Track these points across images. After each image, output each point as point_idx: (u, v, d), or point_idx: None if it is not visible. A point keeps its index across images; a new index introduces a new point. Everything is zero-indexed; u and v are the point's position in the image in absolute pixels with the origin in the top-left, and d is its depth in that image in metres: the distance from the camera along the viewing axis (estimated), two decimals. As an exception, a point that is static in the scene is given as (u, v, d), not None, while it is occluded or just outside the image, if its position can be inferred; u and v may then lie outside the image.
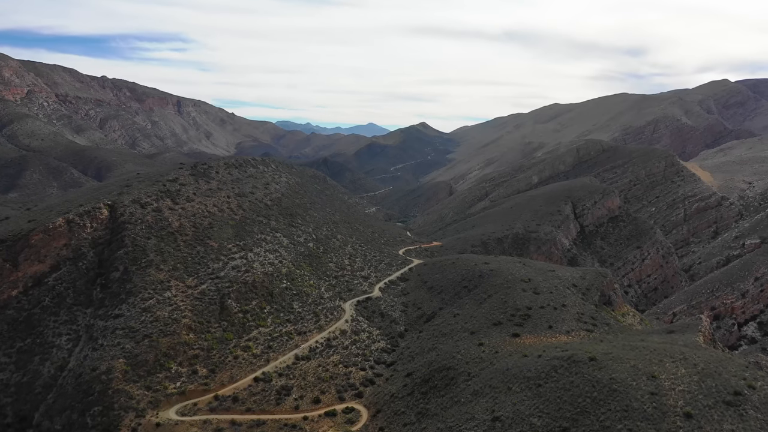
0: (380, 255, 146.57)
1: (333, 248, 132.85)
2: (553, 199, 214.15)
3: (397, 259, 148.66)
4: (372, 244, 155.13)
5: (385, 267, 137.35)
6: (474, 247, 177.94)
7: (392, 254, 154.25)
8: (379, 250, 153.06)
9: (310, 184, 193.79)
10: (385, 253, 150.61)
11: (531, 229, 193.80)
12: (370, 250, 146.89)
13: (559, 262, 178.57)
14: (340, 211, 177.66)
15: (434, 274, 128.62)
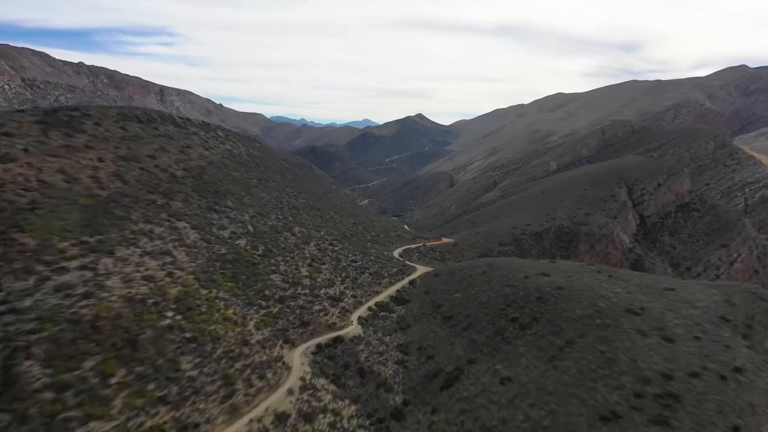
0: (363, 258, 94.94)
1: (282, 248, 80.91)
2: (600, 180, 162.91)
3: (391, 265, 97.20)
4: (352, 241, 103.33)
5: (370, 279, 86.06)
6: (504, 246, 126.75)
7: (383, 257, 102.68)
8: (363, 250, 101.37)
9: (272, 161, 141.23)
10: (372, 256, 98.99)
11: (579, 220, 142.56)
12: (347, 250, 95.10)
13: (620, 265, 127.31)
14: (309, 193, 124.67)
15: (452, 292, 77.68)
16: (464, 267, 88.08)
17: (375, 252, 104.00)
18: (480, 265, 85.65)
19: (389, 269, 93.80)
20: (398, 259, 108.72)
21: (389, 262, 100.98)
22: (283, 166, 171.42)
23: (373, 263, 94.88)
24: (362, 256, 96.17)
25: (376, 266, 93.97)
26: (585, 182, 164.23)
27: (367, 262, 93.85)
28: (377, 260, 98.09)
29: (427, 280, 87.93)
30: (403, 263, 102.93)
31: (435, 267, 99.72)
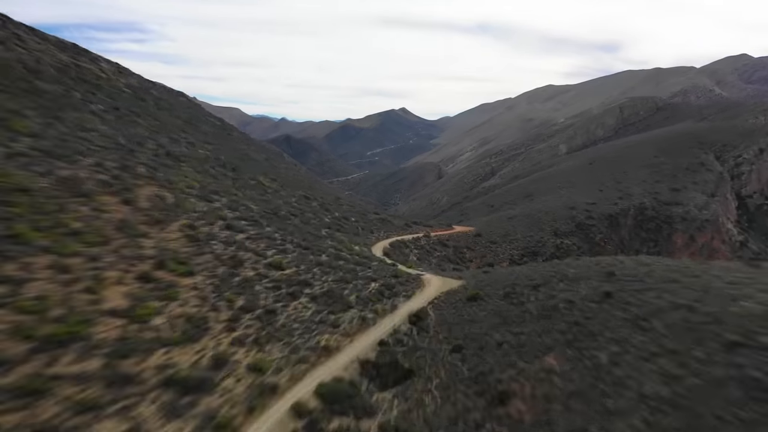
0: (304, 259, 41.49)
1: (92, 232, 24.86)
2: (673, 145, 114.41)
3: (366, 273, 43.06)
4: (287, 225, 50.53)
5: (313, 310, 32.60)
6: (562, 237, 76.45)
7: (350, 255, 49.08)
8: (308, 242, 48.06)
9: (181, 109, 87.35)
10: (327, 253, 45.47)
11: (665, 197, 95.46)
12: (269, 240, 41.40)
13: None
14: (229, 150, 72.47)
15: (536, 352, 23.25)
16: (541, 279, 35.97)
17: (333, 246, 50.62)
18: (575, 275, 34.06)
19: (361, 283, 40.78)
20: (383, 260, 55.78)
21: (363, 265, 47.88)
22: (213, 123, 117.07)
23: (327, 270, 41.63)
24: (302, 256, 42.81)
25: (331, 276, 40.55)
26: (649, 148, 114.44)
27: (313, 268, 40.64)
28: (336, 263, 44.94)
29: (457, 311, 35.46)
30: (394, 268, 49.93)
31: (466, 278, 47.28)
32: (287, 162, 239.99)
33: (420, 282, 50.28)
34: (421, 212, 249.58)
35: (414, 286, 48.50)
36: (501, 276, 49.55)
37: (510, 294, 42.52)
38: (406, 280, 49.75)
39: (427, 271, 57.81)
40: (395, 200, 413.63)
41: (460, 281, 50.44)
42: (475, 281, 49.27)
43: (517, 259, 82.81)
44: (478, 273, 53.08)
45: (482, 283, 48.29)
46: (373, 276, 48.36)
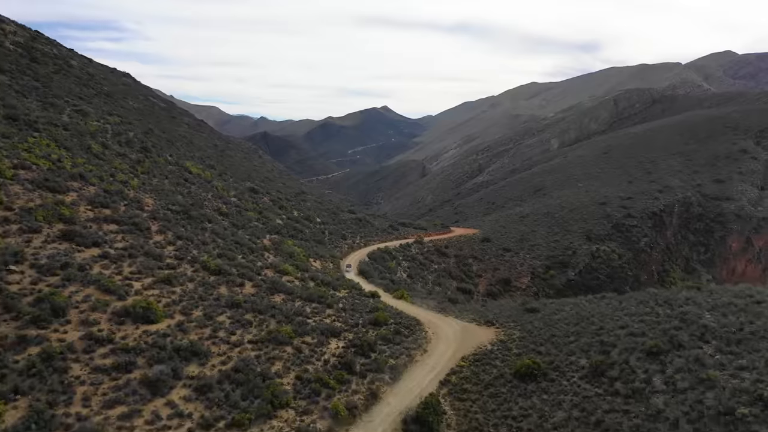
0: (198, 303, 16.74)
1: None
2: (702, 131, 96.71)
3: (323, 322, 19.70)
4: (197, 224, 25.22)
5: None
6: (595, 242, 56.51)
7: (299, 283, 25.86)
8: (216, 266, 23.53)
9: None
10: (254, 277, 21.29)
11: (710, 190, 77.74)
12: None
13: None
14: (157, 126, 47.63)
15: None
16: (657, 333, 16.80)
17: (274, 266, 28.49)
18: (728, 326, 15.31)
19: (311, 344, 19.30)
20: (355, 286, 33.61)
21: (319, 301, 25.62)
22: (153, 104, 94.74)
23: (245, 319, 20.01)
24: (203, 289, 21.05)
25: (252, 331, 18.47)
26: (673, 134, 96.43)
27: (218, 314, 19.16)
28: (269, 300, 22.62)
29: (499, 406, 12.41)
30: (373, 303, 27.55)
31: (500, 322, 25.13)
32: (262, 158, 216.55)
33: (420, 331, 28.79)
34: (405, 211, 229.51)
35: (410, 343, 27.01)
36: (565, 321, 28.21)
37: (604, 370, 21.37)
38: (394, 328, 28.19)
39: (427, 304, 36.34)
40: (377, 199, 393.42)
41: (490, 329, 29.06)
42: (520, 331, 28.03)
43: (542, 273, 62.21)
44: (518, 312, 31.83)
45: (534, 336, 27.02)
46: (333, 326, 26.71)
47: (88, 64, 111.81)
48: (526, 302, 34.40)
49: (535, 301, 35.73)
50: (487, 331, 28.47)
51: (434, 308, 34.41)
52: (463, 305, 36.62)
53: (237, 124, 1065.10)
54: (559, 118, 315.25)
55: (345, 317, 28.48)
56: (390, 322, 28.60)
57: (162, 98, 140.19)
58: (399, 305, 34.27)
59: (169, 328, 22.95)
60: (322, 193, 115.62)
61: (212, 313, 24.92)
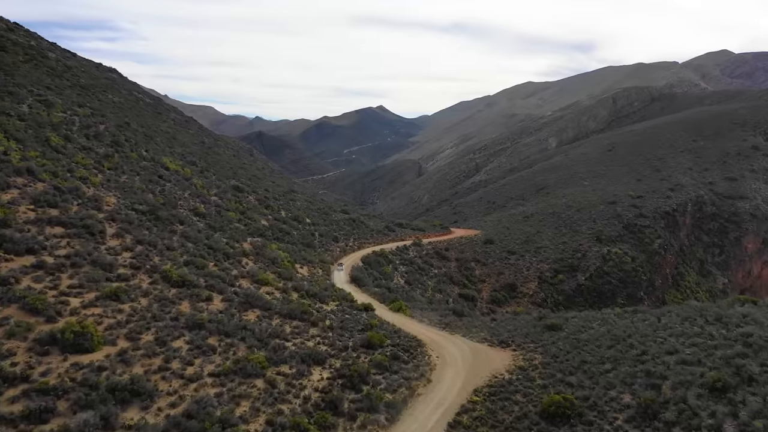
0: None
1: None
2: (709, 127, 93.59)
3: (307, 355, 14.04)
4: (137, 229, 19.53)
5: None
6: (606, 243, 53.87)
7: (274, 301, 19.65)
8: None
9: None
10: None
11: (723, 188, 74.53)
12: None
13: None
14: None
15: None
16: (717, 363, 8.17)
17: (252, 275, 23.21)
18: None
19: (289, 375, 15.01)
20: (346, 297, 28.57)
21: (302, 318, 20.43)
22: (138, 100, 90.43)
23: (206, 346, 15.78)
24: (159, 306, 17.04)
25: (215, 360, 13.12)
26: (679, 131, 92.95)
27: (173, 338, 17.19)
28: (241, 319, 17.25)
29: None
30: (366, 317, 22.40)
31: (516, 341, 19.98)
32: (254, 157, 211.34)
33: (422, 355, 24.15)
34: (401, 211, 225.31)
35: (411, 371, 22.30)
36: (596, 343, 23.60)
37: (656, 411, 16.88)
38: (391, 352, 23.52)
39: (429, 318, 31.72)
40: (373, 199, 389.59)
41: (506, 352, 24.46)
42: (543, 355, 23.39)
43: (550, 278, 57.72)
44: (536, 329, 27.16)
45: (561, 361, 22.41)
46: (317, 351, 22.04)
47: (71, 58, 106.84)
48: (543, 316, 29.77)
49: (553, 313, 31.08)
50: (502, 355, 23.95)
51: (437, 323, 29.85)
52: (469, 319, 31.97)
53: (232, 124, 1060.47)
54: (557, 116, 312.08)
55: (332, 338, 23.86)
56: (386, 344, 23.97)
57: (150, 94, 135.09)
58: (396, 320, 29.67)
59: (108, 359, 18.23)
60: (314, 193, 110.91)
61: (166, 337, 20.20)
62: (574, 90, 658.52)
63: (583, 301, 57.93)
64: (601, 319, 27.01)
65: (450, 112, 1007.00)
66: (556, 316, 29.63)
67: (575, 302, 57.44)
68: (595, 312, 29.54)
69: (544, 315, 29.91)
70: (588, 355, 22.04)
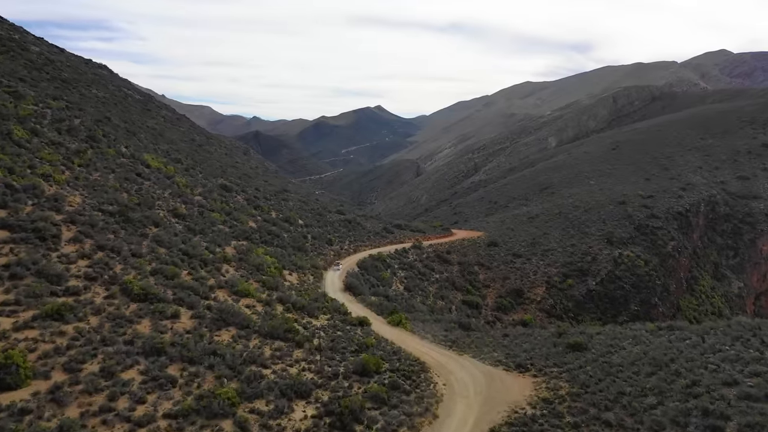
0: None
1: None
2: (718, 126, 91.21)
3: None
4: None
5: None
6: (617, 245, 52.18)
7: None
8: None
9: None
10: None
11: (737, 189, 71.09)
12: None
13: None
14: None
15: None
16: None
17: (230, 285, 18.99)
18: None
19: (263, 413, 8.35)
20: (339, 308, 24.71)
21: (285, 338, 16.06)
22: (126, 95, 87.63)
23: (165, 378, 12.90)
24: (112, 326, 14.50)
25: (173, 397, 8.23)
26: (685, 129, 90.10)
27: (126, 366, 12.48)
28: (210, 340, 13.32)
29: None
30: (361, 334, 18.37)
31: (535, 363, 16.01)
32: (248, 156, 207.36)
33: (426, 382, 20.45)
34: (399, 211, 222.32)
35: (413, 404, 18.58)
36: (632, 368, 19.97)
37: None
38: (390, 381, 19.84)
39: (432, 333, 28.10)
40: (371, 199, 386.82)
41: (525, 378, 20.86)
42: (570, 383, 19.69)
43: (558, 283, 54.13)
44: (556, 348, 23.54)
45: (593, 392, 18.62)
46: (300, 381, 18.35)
47: (58, 53, 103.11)
48: (563, 332, 26.03)
49: (569, 324, 27.41)
50: (520, 382, 20.43)
51: (442, 340, 26.27)
52: (478, 335, 28.27)
53: (229, 123, 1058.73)
54: (557, 116, 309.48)
55: (320, 363, 20.26)
56: (384, 369, 20.38)
57: (140, 92, 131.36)
58: (396, 336, 26.08)
59: (35, 399, 14.61)
60: (309, 192, 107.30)
61: (115, 367, 16.58)
62: (573, 90, 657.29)
63: (594, 308, 54.52)
64: (633, 337, 23.51)
65: (448, 112, 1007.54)
66: (578, 331, 26.03)
67: (586, 309, 54.02)
68: (623, 328, 25.99)
69: (563, 330, 26.40)
70: (625, 385, 18.51)
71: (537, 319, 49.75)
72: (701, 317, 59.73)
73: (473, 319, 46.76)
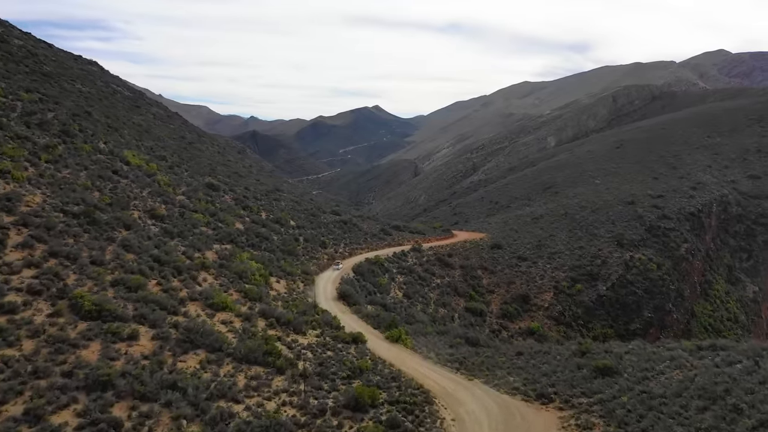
0: None
1: None
2: (725, 124, 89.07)
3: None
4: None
5: None
6: (627, 248, 49.19)
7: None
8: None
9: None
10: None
11: (749, 189, 70.39)
12: None
13: None
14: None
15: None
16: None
17: (207, 298, 15.59)
18: None
19: None
20: (331, 321, 21.19)
21: (265, 363, 12.28)
22: (114, 91, 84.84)
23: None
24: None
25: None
26: (692, 128, 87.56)
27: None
28: (174, 370, 10.23)
29: None
30: (356, 354, 15.80)
31: (558, 389, 12.29)
32: (242, 155, 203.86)
33: (432, 417, 17.00)
34: (397, 212, 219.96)
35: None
36: (678, 401, 16.55)
37: None
38: (388, 419, 16.44)
39: (436, 351, 24.87)
40: (369, 199, 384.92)
41: (549, 411, 17.52)
42: (604, 419, 16.40)
43: (567, 288, 51.05)
44: (581, 371, 20.31)
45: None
46: (278, 422, 14.99)
47: (45, 48, 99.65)
48: (586, 350, 22.73)
49: (598, 346, 24.17)
50: (544, 417, 17.25)
51: (448, 360, 23.02)
52: (488, 353, 24.95)
53: (227, 123, 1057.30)
54: (556, 115, 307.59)
55: (304, 395, 17.04)
56: (381, 401, 17.17)
57: (131, 89, 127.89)
58: (395, 356, 22.87)
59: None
60: (303, 192, 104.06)
61: (44, 408, 13.29)
62: (571, 90, 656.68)
63: (605, 315, 51.44)
64: (670, 359, 20.32)
65: (446, 112, 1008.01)
66: (603, 350, 22.75)
67: (596, 316, 50.96)
68: (655, 346, 22.83)
69: (586, 348, 23.13)
70: (674, 423, 15.32)
71: (545, 327, 46.68)
72: (717, 324, 56.88)
73: (478, 326, 43.67)
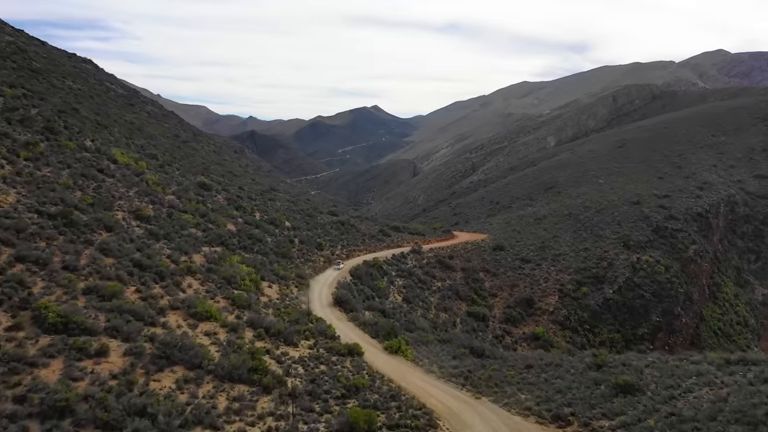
0: None
1: None
2: (729, 123, 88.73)
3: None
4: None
5: None
6: (633, 249, 48.38)
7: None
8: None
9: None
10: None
11: (756, 189, 72.65)
12: None
13: None
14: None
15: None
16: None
17: (190, 305, 13.45)
18: None
19: None
20: (326, 330, 19.07)
21: (247, 381, 9.82)
22: (107, 89, 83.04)
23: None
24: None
25: None
26: (696, 127, 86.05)
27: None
28: (116, 410, 6.24)
29: None
30: (352, 369, 13.44)
31: (578, 412, 10.03)
32: (239, 155, 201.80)
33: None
34: (396, 212, 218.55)
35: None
36: (711, 421, 14.58)
37: None
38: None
39: (439, 364, 23.04)
40: (368, 199, 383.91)
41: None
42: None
43: (572, 291, 49.34)
44: (598, 387, 18.48)
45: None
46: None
47: (38, 45, 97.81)
48: (601, 362, 20.97)
49: (614, 358, 22.43)
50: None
51: (452, 374, 21.19)
52: (496, 366, 23.14)
53: (225, 123, 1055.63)
54: (555, 115, 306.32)
55: (293, 420, 15.25)
56: (379, 425, 15.37)
57: (126, 87, 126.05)
58: (394, 369, 21.07)
59: None
60: (300, 192, 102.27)
61: None
62: (571, 90, 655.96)
63: (612, 319, 49.73)
64: (696, 374, 18.56)
65: (445, 112, 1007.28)
66: (620, 363, 20.96)
67: (603, 320, 49.22)
68: (681, 360, 21.07)
69: (602, 361, 21.33)
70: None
71: (550, 332, 44.97)
72: (726, 328, 55.19)
73: (481, 332, 41.92)
